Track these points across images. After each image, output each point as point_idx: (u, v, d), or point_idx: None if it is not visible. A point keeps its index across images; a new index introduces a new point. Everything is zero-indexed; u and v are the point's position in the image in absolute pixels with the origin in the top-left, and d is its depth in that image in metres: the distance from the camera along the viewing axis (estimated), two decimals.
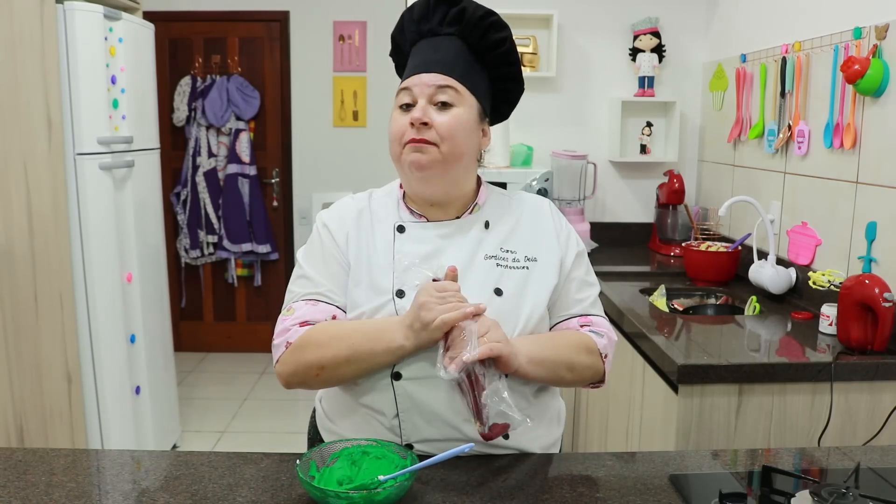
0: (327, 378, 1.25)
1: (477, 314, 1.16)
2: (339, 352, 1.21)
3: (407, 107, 1.28)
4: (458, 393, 1.17)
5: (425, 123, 1.25)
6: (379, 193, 1.39)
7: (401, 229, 1.31)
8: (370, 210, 1.35)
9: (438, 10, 1.30)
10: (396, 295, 1.26)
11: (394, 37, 1.38)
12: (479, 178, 1.40)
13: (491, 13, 1.30)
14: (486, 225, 1.33)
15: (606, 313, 2.27)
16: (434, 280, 1.20)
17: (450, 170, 1.28)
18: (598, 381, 1.36)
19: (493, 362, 1.16)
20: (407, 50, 1.35)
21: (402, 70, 1.37)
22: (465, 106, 1.28)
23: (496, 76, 1.34)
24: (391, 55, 1.42)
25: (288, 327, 1.27)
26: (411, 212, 1.34)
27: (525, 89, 1.41)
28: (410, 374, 1.22)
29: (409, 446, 1.24)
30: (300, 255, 1.36)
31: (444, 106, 1.26)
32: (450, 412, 1.21)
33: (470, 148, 1.30)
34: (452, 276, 1.21)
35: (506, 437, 1.25)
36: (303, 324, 1.26)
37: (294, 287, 1.33)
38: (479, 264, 1.29)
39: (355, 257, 1.30)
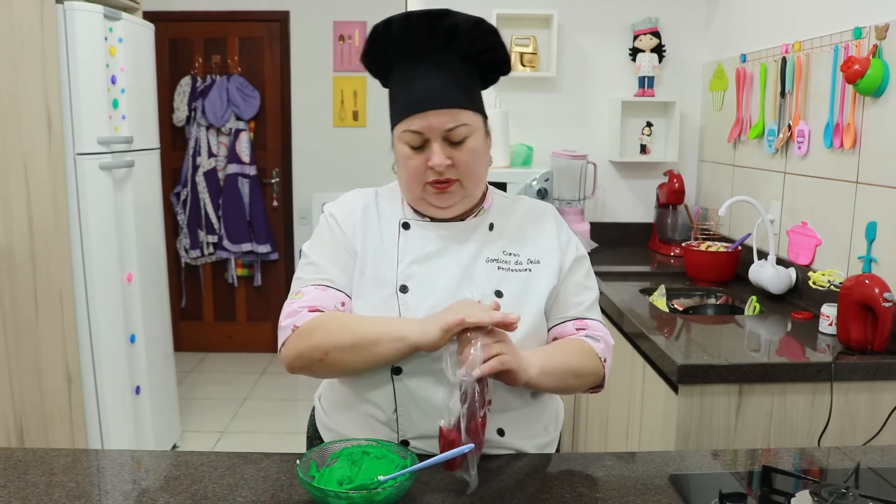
0: (330, 364, 1.21)
1: (481, 326, 1.12)
2: (344, 338, 1.19)
3: (418, 147, 1.24)
4: (450, 390, 1.13)
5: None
6: (383, 191, 1.39)
7: (406, 226, 1.32)
8: (376, 205, 1.35)
9: (423, 27, 1.21)
10: (400, 290, 1.26)
11: (369, 57, 1.28)
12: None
13: (481, 21, 1.24)
14: (491, 227, 1.33)
15: (607, 314, 2.29)
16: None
17: (471, 194, 1.29)
18: (597, 385, 1.36)
19: (502, 375, 1.14)
20: (387, 68, 1.29)
21: (383, 78, 1.32)
22: (476, 131, 1.26)
23: (485, 69, 1.32)
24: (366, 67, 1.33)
25: (297, 310, 1.25)
26: (415, 211, 1.34)
27: (525, 89, 1.40)
28: (410, 370, 1.22)
29: (406, 442, 1.24)
30: (306, 246, 1.35)
31: (458, 143, 1.24)
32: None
33: (486, 165, 1.31)
34: (496, 309, 1.17)
35: (501, 433, 1.25)
36: (312, 309, 1.25)
37: (302, 273, 1.32)
38: (481, 267, 1.29)
39: (361, 248, 1.31)
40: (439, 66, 1.24)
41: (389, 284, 1.26)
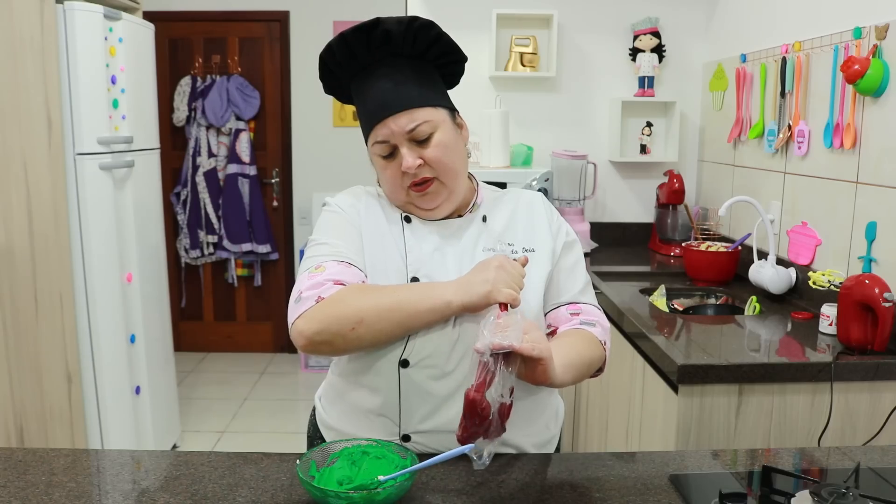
0: (362, 335, 1.17)
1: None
2: (382, 302, 1.17)
3: (389, 155, 1.27)
4: (476, 368, 1.09)
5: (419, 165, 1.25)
6: (383, 192, 1.39)
7: (408, 219, 1.32)
8: (378, 202, 1.36)
9: (360, 41, 1.24)
10: (411, 282, 1.26)
11: (327, 84, 1.34)
12: (472, 177, 1.40)
13: (413, 20, 1.25)
14: (484, 219, 1.34)
15: (607, 314, 2.28)
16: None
17: (454, 189, 1.30)
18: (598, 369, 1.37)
19: (523, 367, 1.12)
20: (347, 89, 1.33)
21: (348, 99, 1.36)
22: (441, 125, 1.26)
23: (442, 63, 1.33)
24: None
25: (321, 282, 1.20)
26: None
27: (525, 89, 1.41)
28: (418, 363, 1.22)
29: (407, 437, 1.24)
30: (313, 236, 1.33)
31: (424, 141, 1.25)
32: (453, 404, 1.21)
33: (462, 158, 1.31)
34: (524, 263, 1.23)
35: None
36: (337, 282, 1.21)
37: (316, 252, 1.28)
38: (479, 257, 1.30)
39: (368, 236, 1.30)
40: (390, 73, 1.26)
41: (400, 275, 1.26)
